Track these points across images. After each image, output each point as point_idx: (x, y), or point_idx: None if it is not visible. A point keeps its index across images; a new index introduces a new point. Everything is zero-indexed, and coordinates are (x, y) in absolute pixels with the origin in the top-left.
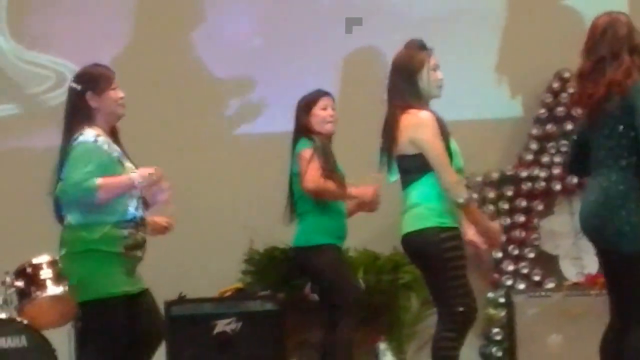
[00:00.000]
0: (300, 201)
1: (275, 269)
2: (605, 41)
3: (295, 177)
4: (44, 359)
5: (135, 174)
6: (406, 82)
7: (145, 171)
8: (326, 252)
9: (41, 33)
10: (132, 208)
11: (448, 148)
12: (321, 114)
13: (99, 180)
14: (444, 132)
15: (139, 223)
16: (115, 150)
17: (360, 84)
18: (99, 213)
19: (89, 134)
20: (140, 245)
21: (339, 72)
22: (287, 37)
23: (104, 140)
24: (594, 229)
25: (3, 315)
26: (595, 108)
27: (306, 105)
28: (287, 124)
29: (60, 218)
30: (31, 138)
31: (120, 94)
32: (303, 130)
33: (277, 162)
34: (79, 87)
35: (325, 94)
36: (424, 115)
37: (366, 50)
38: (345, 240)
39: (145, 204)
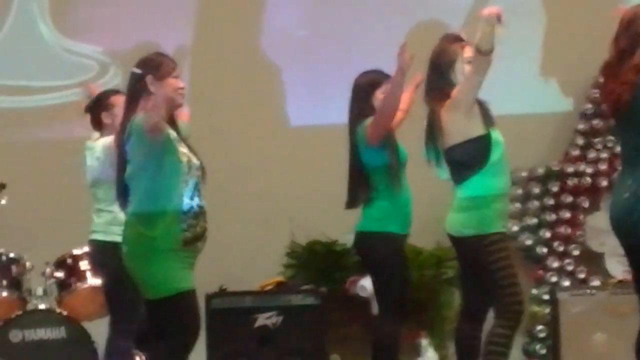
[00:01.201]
0: (371, 188)
1: (317, 262)
2: (627, 34)
3: (365, 167)
4: (83, 351)
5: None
6: (440, 76)
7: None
8: (395, 241)
9: (85, 23)
10: (188, 197)
11: (490, 137)
12: (382, 97)
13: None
14: (489, 121)
15: (197, 213)
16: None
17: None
18: (157, 202)
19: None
20: (200, 237)
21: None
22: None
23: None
24: (626, 226)
25: (43, 306)
26: (617, 106)
27: (368, 87)
28: (335, 116)
29: (124, 204)
30: (73, 128)
31: (180, 83)
32: (366, 112)
33: (323, 154)
34: (139, 71)
35: (388, 76)
36: None
37: (428, 26)
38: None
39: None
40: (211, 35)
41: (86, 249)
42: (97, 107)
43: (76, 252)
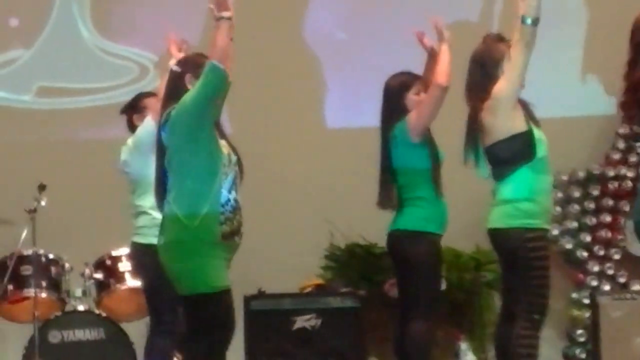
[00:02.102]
0: (411, 189)
1: (356, 265)
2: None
3: (400, 169)
4: (122, 352)
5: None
6: (486, 75)
7: None
8: (432, 241)
9: (124, 25)
10: (226, 190)
11: (533, 135)
12: (415, 98)
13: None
14: (531, 118)
15: (234, 207)
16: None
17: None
18: (197, 193)
19: None
20: (236, 231)
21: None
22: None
23: None
24: None
25: (81, 307)
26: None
27: (399, 89)
28: (375, 118)
29: (161, 204)
30: (112, 130)
31: None
32: (399, 114)
33: (361, 157)
34: (179, 69)
35: (419, 77)
36: None
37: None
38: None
39: None
40: (250, 37)
41: (125, 250)
42: (130, 110)
43: (115, 253)
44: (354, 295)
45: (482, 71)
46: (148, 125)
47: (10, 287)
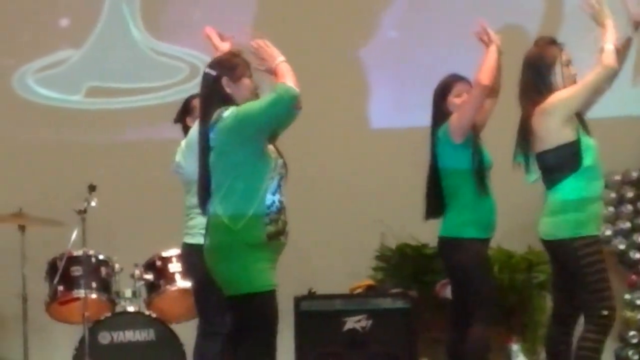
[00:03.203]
0: (452, 192)
1: (406, 265)
2: None
3: (443, 171)
4: (172, 353)
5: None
6: (539, 79)
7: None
8: (474, 246)
9: (174, 24)
10: (271, 193)
11: (583, 142)
12: (456, 101)
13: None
14: (581, 125)
15: (279, 208)
16: None
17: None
18: (244, 197)
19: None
20: (282, 231)
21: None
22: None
23: None
24: None
25: (131, 308)
26: None
27: (441, 93)
28: (424, 119)
29: (204, 208)
30: (162, 130)
31: (256, 83)
32: (442, 118)
33: (412, 157)
34: (214, 73)
35: (460, 79)
36: None
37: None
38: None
39: None
40: (297, 36)
41: (175, 251)
42: (183, 115)
43: (165, 254)
44: (405, 296)
45: (535, 75)
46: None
47: (61, 287)
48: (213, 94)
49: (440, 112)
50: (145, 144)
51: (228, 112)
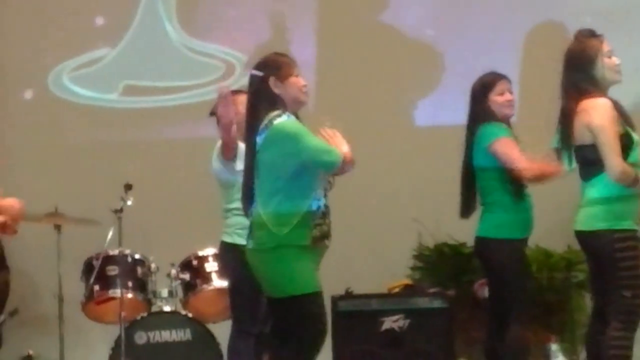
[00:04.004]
0: (488, 192)
1: (444, 265)
2: None
3: (480, 170)
4: (208, 353)
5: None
6: (581, 72)
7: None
8: (511, 246)
9: (210, 23)
10: (316, 198)
11: (629, 137)
12: (498, 99)
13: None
14: (625, 120)
15: (324, 212)
16: None
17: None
18: (291, 201)
19: (291, 116)
20: (326, 234)
21: (518, 53)
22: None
23: None
24: None
25: (168, 308)
26: None
27: (482, 90)
28: (462, 117)
29: (248, 209)
30: (198, 128)
31: (303, 81)
32: (483, 116)
33: (448, 155)
34: (260, 73)
35: (502, 77)
36: (600, 101)
37: (549, 26)
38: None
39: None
40: (337, 34)
41: (211, 250)
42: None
43: (201, 253)
44: (443, 296)
45: (578, 69)
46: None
47: (97, 287)
48: (261, 95)
49: (481, 110)
50: (182, 143)
51: (278, 123)
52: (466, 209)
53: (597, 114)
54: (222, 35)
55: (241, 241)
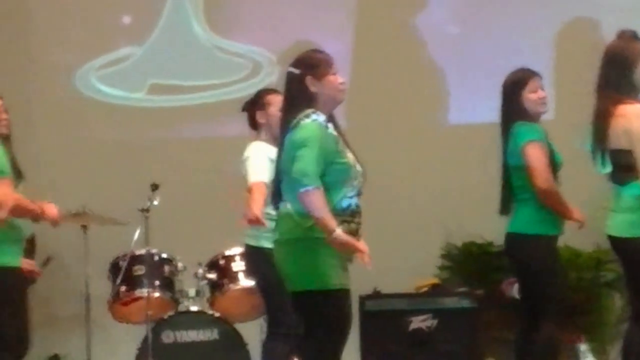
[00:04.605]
0: (522, 189)
1: (472, 264)
2: None
3: (513, 168)
4: (236, 352)
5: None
6: (620, 74)
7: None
8: (543, 243)
9: (237, 21)
10: (348, 197)
11: None
12: (532, 97)
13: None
14: None
15: (354, 211)
16: (340, 140)
17: (575, 60)
18: None
19: (320, 116)
20: (354, 233)
21: (550, 50)
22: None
23: (331, 127)
24: None
25: (195, 307)
26: None
27: (514, 88)
28: (490, 114)
29: (277, 204)
30: (225, 127)
31: (340, 79)
32: (517, 114)
33: (476, 154)
34: (297, 71)
35: (534, 74)
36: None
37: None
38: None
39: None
40: (370, 33)
41: (238, 249)
42: (253, 106)
43: (228, 252)
44: (471, 295)
45: (617, 70)
46: None
47: (123, 288)
48: (297, 94)
49: (514, 108)
50: (208, 142)
51: (305, 124)
52: (505, 207)
53: (637, 122)
54: (249, 34)
55: (268, 244)
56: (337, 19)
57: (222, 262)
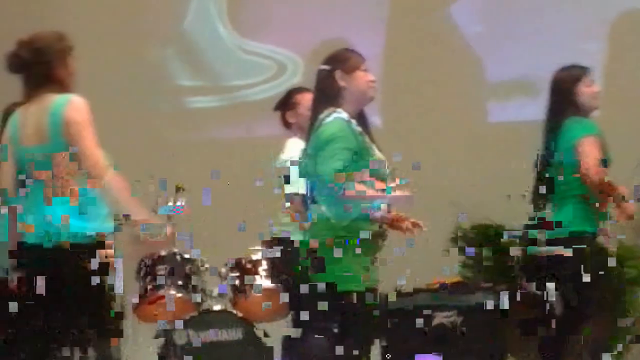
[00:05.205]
0: (569, 185)
1: (497, 261)
2: None
3: (566, 167)
4: (259, 352)
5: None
6: None
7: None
8: (588, 240)
9: (262, 23)
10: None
11: None
12: (587, 91)
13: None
14: None
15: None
16: (365, 136)
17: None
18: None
19: (342, 114)
20: (382, 233)
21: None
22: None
23: (355, 123)
24: None
25: (218, 307)
26: None
27: (569, 82)
28: (524, 112)
29: (311, 200)
30: (250, 128)
31: (370, 76)
32: (570, 109)
33: (509, 152)
34: (328, 67)
35: (588, 68)
36: None
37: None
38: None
39: None
40: (401, 32)
41: (262, 250)
42: (283, 106)
43: (253, 254)
44: (495, 292)
45: None
46: None
47: (148, 287)
48: (326, 88)
49: (568, 102)
50: (233, 142)
51: (328, 123)
52: (538, 202)
53: None
54: (273, 34)
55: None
56: (364, 18)
57: (245, 263)
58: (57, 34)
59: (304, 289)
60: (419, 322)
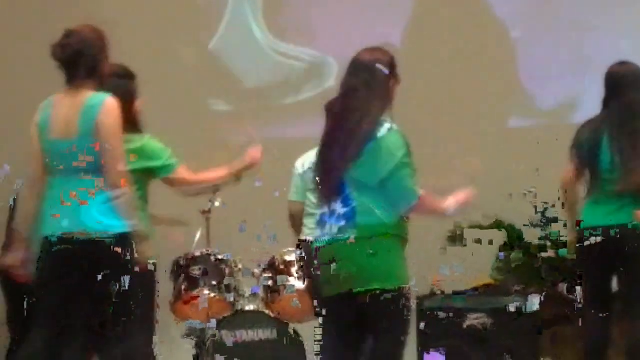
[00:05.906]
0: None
1: (529, 264)
2: None
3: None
4: (293, 352)
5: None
6: None
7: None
8: None
9: (296, 25)
10: None
11: None
12: None
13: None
14: None
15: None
16: None
17: None
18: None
19: (390, 124)
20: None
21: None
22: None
23: None
24: None
25: (252, 307)
26: None
27: (631, 80)
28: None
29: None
30: (285, 129)
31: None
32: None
33: (538, 156)
34: (387, 71)
35: None
36: None
37: None
38: None
39: None
40: (423, 33)
41: (295, 251)
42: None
43: (287, 257)
44: (527, 294)
45: None
46: None
47: (183, 287)
48: (377, 93)
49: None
50: (267, 144)
51: (391, 135)
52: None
53: None
54: (308, 38)
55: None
56: (397, 22)
57: (279, 264)
58: (100, 30)
59: None
60: (453, 322)
